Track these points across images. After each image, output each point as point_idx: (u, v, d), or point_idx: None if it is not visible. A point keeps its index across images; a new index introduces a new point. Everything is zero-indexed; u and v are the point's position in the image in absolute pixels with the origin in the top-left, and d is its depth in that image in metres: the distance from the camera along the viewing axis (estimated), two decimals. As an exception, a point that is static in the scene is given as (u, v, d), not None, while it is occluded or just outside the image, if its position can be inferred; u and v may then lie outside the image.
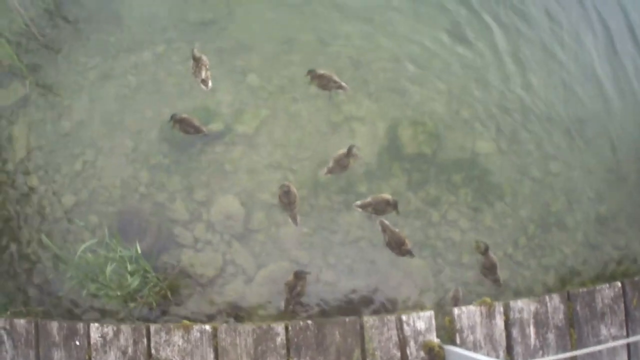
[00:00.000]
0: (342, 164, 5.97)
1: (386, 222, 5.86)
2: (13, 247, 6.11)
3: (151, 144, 6.27)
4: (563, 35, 6.73)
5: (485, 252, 5.78)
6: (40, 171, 6.27)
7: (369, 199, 5.90)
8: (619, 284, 5.26)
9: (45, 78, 6.53)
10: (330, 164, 6.00)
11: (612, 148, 6.38)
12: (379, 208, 5.87)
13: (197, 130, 6.12)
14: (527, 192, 6.15)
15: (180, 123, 6.14)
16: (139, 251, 5.49)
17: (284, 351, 5.02)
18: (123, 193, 6.15)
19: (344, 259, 5.92)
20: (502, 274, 5.85)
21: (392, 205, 5.86)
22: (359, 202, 5.91)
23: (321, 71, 6.25)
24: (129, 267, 5.37)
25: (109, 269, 5.23)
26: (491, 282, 5.84)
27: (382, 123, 6.27)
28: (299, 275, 5.62)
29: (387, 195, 5.88)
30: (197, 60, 6.31)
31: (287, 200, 5.88)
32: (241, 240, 5.97)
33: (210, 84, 6.31)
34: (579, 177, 6.24)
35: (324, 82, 6.26)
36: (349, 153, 5.93)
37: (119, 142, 6.29)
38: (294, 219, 5.93)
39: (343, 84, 6.25)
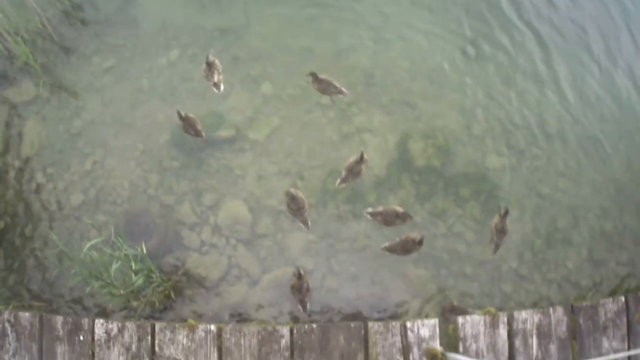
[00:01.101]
0: (354, 171, 6.19)
1: (386, 244, 6.08)
2: (18, 241, 6.33)
3: (161, 147, 6.56)
4: (587, 54, 7.00)
5: (503, 215, 6.05)
6: (49, 168, 6.53)
7: (380, 209, 6.14)
8: (622, 298, 5.44)
9: (59, 77, 6.83)
10: (344, 174, 6.24)
11: (626, 168, 6.58)
12: (389, 219, 6.09)
13: (197, 134, 6.40)
14: (534, 208, 6.36)
15: (184, 121, 6.40)
16: (145, 251, 5.74)
17: (287, 353, 5.22)
18: (131, 194, 6.42)
19: (349, 267, 6.15)
20: (506, 287, 6.09)
21: (402, 218, 6.10)
22: (370, 209, 6.16)
23: (322, 76, 6.52)
24: (134, 266, 5.61)
25: (114, 267, 5.47)
26: (493, 244, 6.13)
27: (392, 135, 6.53)
28: (300, 274, 5.85)
29: (398, 208, 6.11)
30: (210, 65, 6.59)
31: (295, 207, 6.12)
32: (247, 245, 6.23)
33: (222, 87, 6.60)
34: (586, 194, 6.44)
35: (323, 87, 6.54)
36: (361, 159, 6.16)
37: (129, 144, 6.58)
38: (305, 223, 6.16)
39: (343, 89, 6.53)
